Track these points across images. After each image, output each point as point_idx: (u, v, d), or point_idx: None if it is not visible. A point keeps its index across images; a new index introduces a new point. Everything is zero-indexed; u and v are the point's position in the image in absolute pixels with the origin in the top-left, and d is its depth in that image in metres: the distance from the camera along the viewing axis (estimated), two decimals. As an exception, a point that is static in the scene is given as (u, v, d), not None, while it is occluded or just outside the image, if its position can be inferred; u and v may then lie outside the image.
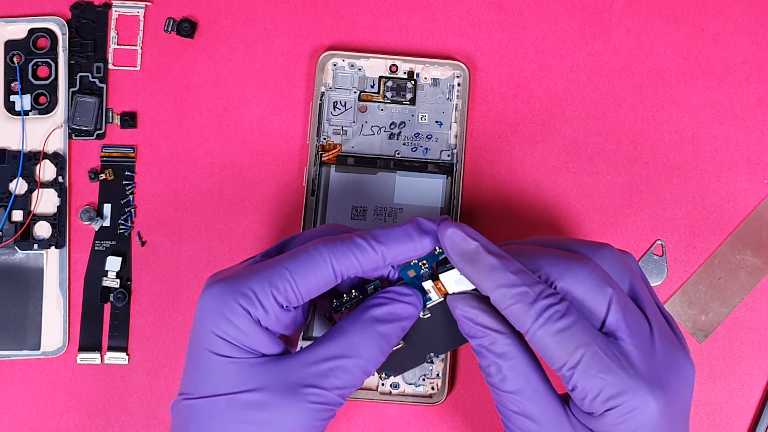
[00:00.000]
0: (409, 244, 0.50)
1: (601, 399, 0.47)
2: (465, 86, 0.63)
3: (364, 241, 0.49)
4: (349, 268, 0.49)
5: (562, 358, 0.47)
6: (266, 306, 0.48)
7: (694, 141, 0.64)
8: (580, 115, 0.64)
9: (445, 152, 0.62)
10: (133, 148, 0.63)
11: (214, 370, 0.49)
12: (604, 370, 0.46)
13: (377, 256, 0.49)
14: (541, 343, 0.47)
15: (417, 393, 0.61)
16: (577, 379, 0.47)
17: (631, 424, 0.46)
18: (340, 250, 0.49)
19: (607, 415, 0.47)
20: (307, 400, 0.48)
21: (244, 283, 0.49)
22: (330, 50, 0.63)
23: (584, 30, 0.64)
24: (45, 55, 0.63)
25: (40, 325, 0.62)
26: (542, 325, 0.47)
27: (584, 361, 0.47)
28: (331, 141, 0.62)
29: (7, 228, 0.62)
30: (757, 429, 0.62)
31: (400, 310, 0.50)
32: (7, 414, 0.62)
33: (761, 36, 0.64)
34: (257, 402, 0.48)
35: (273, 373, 0.48)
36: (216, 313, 0.49)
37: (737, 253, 0.63)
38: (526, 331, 0.47)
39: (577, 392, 0.47)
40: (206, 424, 0.48)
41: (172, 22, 0.64)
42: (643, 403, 0.46)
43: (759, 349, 0.63)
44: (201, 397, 0.49)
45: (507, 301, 0.47)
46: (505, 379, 0.49)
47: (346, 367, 0.49)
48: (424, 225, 0.50)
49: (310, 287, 0.49)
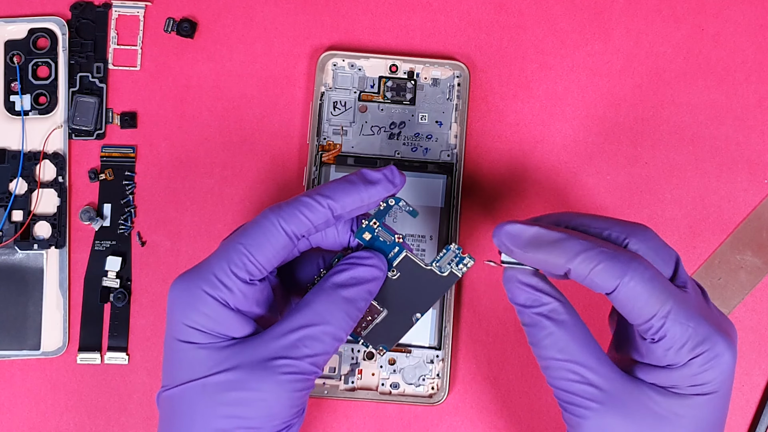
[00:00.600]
0: (355, 194, 0.50)
1: (689, 347, 0.47)
2: (465, 86, 0.63)
3: (309, 198, 0.50)
4: (300, 226, 0.50)
5: (654, 308, 0.47)
6: (228, 284, 0.49)
7: (694, 141, 0.64)
8: (580, 115, 0.64)
9: (445, 152, 0.62)
10: (133, 148, 0.63)
11: (186, 358, 0.49)
12: (691, 317, 0.47)
13: (325, 210, 0.50)
14: (635, 293, 0.47)
15: (417, 393, 0.61)
16: (668, 327, 0.47)
17: (714, 371, 0.47)
18: (286, 211, 0.50)
19: (691, 364, 0.47)
20: (279, 372, 0.48)
21: (204, 270, 0.50)
22: (330, 50, 0.63)
23: (584, 30, 0.64)
24: (45, 55, 0.63)
25: (40, 325, 0.62)
26: (632, 278, 0.47)
27: (674, 309, 0.47)
28: (331, 141, 0.62)
29: (7, 228, 0.62)
30: (757, 429, 0.62)
31: (362, 273, 0.51)
32: (7, 414, 0.62)
33: (761, 36, 0.64)
34: (230, 381, 0.48)
35: (243, 352, 0.49)
36: (184, 304, 0.49)
37: (737, 253, 0.63)
38: (616, 287, 0.47)
39: (665, 342, 0.47)
40: (185, 410, 0.49)
41: (172, 22, 0.64)
42: (724, 350, 0.47)
43: (759, 349, 0.63)
44: (177, 386, 0.50)
45: (592, 264, 0.47)
46: (566, 348, 0.48)
47: (315, 335, 0.49)
48: (368, 175, 0.51)
49: (268, 255, 0.50)
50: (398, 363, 0.61)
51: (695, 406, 0.48)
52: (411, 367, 0.61)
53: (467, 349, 0.62)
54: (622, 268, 0.47)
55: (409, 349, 0.61)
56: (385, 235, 0.53)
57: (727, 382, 0.48)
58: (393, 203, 0.52)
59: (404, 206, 0.52)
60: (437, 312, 0.61)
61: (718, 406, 0.48)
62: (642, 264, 0.47)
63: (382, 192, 0.51)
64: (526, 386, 0.62)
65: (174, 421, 0.50)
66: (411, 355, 0.61)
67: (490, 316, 0.63)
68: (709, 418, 0.48)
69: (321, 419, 0.62)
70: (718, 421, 0.49)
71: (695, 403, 0.48)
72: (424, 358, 0.61)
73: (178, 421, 0.50)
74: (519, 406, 0.62)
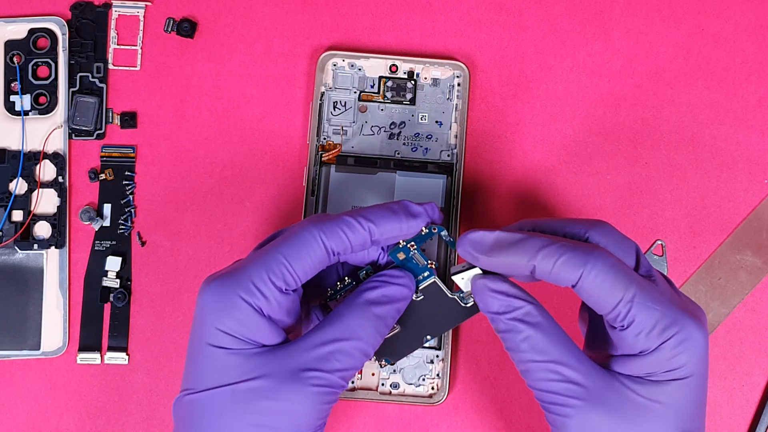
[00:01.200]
0: (396, 224, 0.51)
1: (658, 330, 0.47)
2: (465, 86, 0.63)
3: (352, 219, 0.51)
4: (339, 244, 0.50)
5: (618, 293, 0.48)
6: (266, 293, 0.49)
7: (694, 141, 0.64)
8: (580, 115, 0.64)
9: (445, 152, 0.62)
10: (133, 148, 0.63)
11: (216, 363, 0.49)
12: (657, 301, 0.48)
13: (365, 233, 0.50)
14: (597, 282, 0.48)
15: (417, 393, 0.61)
16: (635, 312, 0.48)
17: (687, 353, 0.48)
18: (328, 228, 0.50)
19: (663, 348, 0.48)
20: (309, 383, 0.48)
21: (242, 276, 0.50)
22: (330, 50, 0.63)
23: (584, 30, 0.64)
24: (45, 55, 0.63)
25: (40, 325, 0.62)
26: (594, 266, 0.48)
27: (639, 293, 0.48)
28: (331, 141, 0.62)
29: (7, 228, 0.62)
30: (757, 429, 0.62)
31: (393, 292, 0.51)
32: (7, 414, 0.62)
33: (761, 36, 0.64)
34: (260, 389, 0.48)
35: (275, 361, 0.49)
36: (218, 308, 0.49)
37: (737, 253, 0.63)
38: (578, 278, 0.48)
39: (633, 327, 0.48)
40: (211, 416, 0.49)
41: (172, 22, 0.64)
42: (694, 331, 0.48)
43: (759, 349, 0.63)
44: (204, 390, 0.49)
45: (554, 257, 0.48)
46: (544, 349, 0.49)
47: (346, 350, 0.49)
48: (411, 208, 0.52)
49: (305, 266, 0.50)
50: (398, 363, 0.61)
51: (674, 392, 0.48)
52: (411, 367, 0.61)
53: (467, 349, 0.62)
54: (583, 258, 0.48)
55: None
56: (420, 259, 0.53)
57: (702, 365, 0.48)
58: (435, 230, 0.53)
59: (445, 236, 0.53)
60: None
61: (696, 389, 0.49)
62: (603, 253, 0.48)
63: (421, 225, 0.52)
64: (525, 385, 0.62)
65: (196, 426, 0.49)
66: (411, 356, 0.61)
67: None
68: (689, 402, 0.48)
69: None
70: (699, 403, 0.49)
71: (673, 388, 0.48)
72: (424, 358, 0.61)
73: (202, 427, 0.49)
74: (519, 405, 0.62)
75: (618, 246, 0.50)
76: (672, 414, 0.48)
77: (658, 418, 0.48)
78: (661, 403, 0.48)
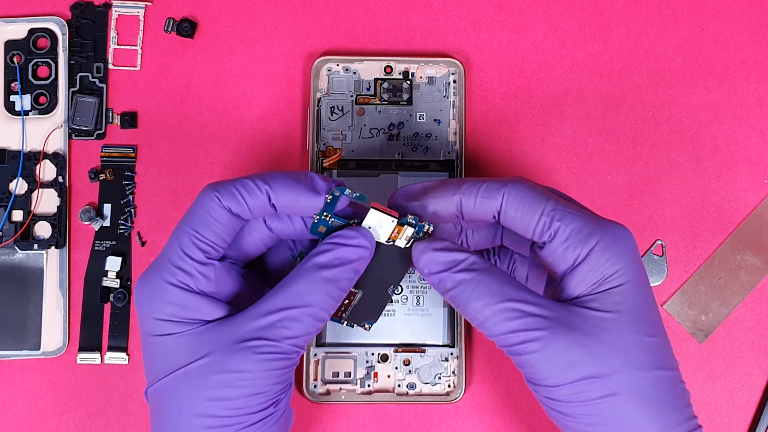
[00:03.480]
0: (293, 194, 0.50)
1: (583, 235, 0.49)
2: (461, 83, 0.63)
3: (251, 181, 0.50)
4: (236, 206, 0.50)
5: (539, 206, 0.49)
6: (186, 268, 0.49)
7: (694, 141, 0.64)
8: (580, 115, 0.64)
9: (445, 150, 0.62)
10: (133, 148, 0.63)
11: (165, 350, 0.50)
12: (579, 211, 0.50)
13: (262, 196, 0.50)
14: (518, 200, 0.50)
15: (434, 392, 0.61)
16: (559, 219, 0.49)
17: (620, 256, 0.49)
18: (224, 187, 0.50)
19: (594, 252, 0.48)
20: (254, 351, 0.48)
21: (160, 260, 0.50)
22: (330, 51, 0.63)
23: (584, 30, 0.64)
24: (45, 55, 0.63)
25: (40, 325, 0.62)
26: (514, 185, 0.50)
27: (560, 204, 0.50)
28: (331, 146, 0.62)
29: (7, 228, 0.62)
30: (757, 429, 0.62)
31: (345, 253, 0.50)
32: (7, 414, 0.62)
33: (761, 36, 0.64)
34: (209, 365, 0.48)
35: (221, 335, 0.49)
36: (149, 298, 0.50)
37: (737, 253, 0.63)
38: (501, 203, 0.50)
39: (560, 235, 0.49)
40: (171, 401, 0.49)
41: (172, 22, 0.64)
42: (621, 233, 0.49)
43: (759, 349, 0.63)
44: (160, 379, 0.50)
45: (475, 187, 0.50)
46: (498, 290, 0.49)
47: (294, 317, 0.49)
48: (316, 182, 0.51)
49: (215, 230, 0.50)
50: (413, 363, 0.61)
51: (621, 299, 0.48)
52: (426, 366, 0.61)
53: (481, 344, 0.62)
54: (502, 183, 0.50)
55: (423, 348, 0.61)
56: (340, 224, 0.52)
57: (637, 267, 0.49)
58: (338, 194, 0.51)
59: (350, 194, 0.51)
60: (448, 309, 0.61)
61: (640, 293, 0.49)
62: (518, 179, 0.51)
63: (321, 205, 0.51)
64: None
65: (162, 413, 0.50)
66: (425, 355, 0.61)
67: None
68: (640, 307, 0.49)
69: (339, 425, 0.62)
70: (651, 308, 0.49)
71: (618, 295, 0.49)
72: (438, 356, 0.61)
73: (166, 412, 0.50)
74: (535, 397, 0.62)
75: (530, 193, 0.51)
76: (628, 319, 0.48)
77: (618, 327, 0.48)
78: (613, 311, 0.48)
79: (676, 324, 0.63)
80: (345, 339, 0.61)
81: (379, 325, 0.61)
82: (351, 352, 0.61)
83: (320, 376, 0.61)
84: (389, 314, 0.61)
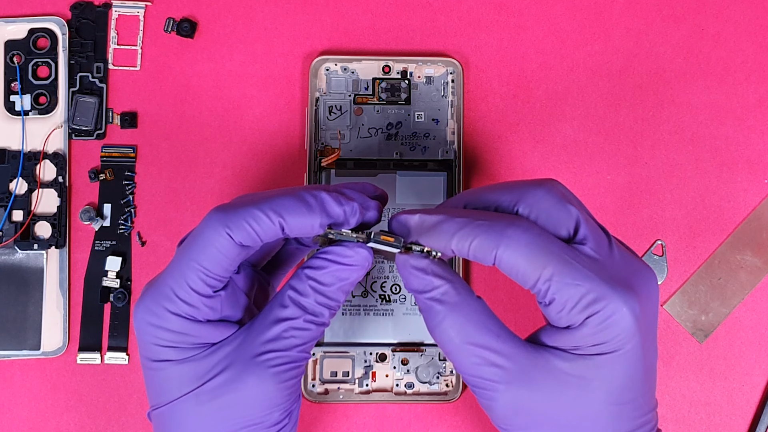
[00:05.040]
0: (308, 220, 0.47)
1: (581, 306, 0.46)
2: (459, 82, 0.63)
3: (260, 211, 0.47)
4: (247, 238, 0.47)
5: (535, 273, 0.46)
6: (191, 302, 0.48)
7: (694, 141, 0.64)
8: (580, 115, 0.64)
9: (444, 149, 0.62)
10: (133, 148, 0.63)
11: (170, 375, 0.48)
12: (580, 277, 0.46)
13: (274, 227, 0.47)
14: (511, 262, 0.46)
15: (432, 391, 0.61)
16: (554, 291, 0.46)
17: (613, 328, 0.46)
18: (233, 221, 0.47)
19: (588, 323, 0.46)
20: (268, 365, 0.48)
21: (162, 287, 0.48)
22: (328, 51, 0.63)
23: (584, 30, 0.64)
24: (45, 55, 0.63)
25: (40, 325, 0.62)
26: (507, 246, 0.46)
27: (558, 270, 0.46)
28: (329, 146, 0.62)
29: (7, 228, 0.62)
30: (757, 429, 0.62)
31: (338, 272, 0.49)
32: (7, 414, 0.62)
33: (761, 36, 0.64)
34: (222, 385, 0.48)
35: (229, 354, 0.48)
36: (149, 325, 0.48)
37: (737, 253, 0.63)
38: (494, 258, 0.46)
39: (555, 305, 0.46)
40: (182, 424, 0.49)
41: (172, 22, 0.64)
42: (621, 306, 0.45)
43: (759, 349, 0.63)
44: (168, 403, 0.49)
45: (468, 240, 0.46)
46: (461, 331, 0.47)
47: (300, 325, 0.48)
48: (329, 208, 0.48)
49: (222, 264, 0.47)
50: (411, 362, 0.61)
51: (600, 366, 0.46)
52: (424, 365, 0.61)
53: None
54: (495, 239, 0.46)
55: (422, 348, 0.61)
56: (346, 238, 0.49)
57: (630, 340, 0.46)
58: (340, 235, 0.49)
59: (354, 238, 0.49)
60: None
61: (625, 364, 0.46)
62: (518, 229, 0.46)
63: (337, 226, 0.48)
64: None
65: None
66: (424, 354, 0.61)
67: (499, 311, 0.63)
68: (617, 377, 0.47)
69: (338, 424, 0.62)
70: (632, 375, 0.47)
71: (599, 362, 0.46)
72: (436, 355, 0.61)
73: None
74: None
75: (551, 214, 0.47)
76: (601, 387, 0.47)
77: (585, 391, 0.47)
78: (587, 377, 0.46)
79: (676, 324, 0.63)
80: (343, 338, 0.61)
81: (377, 325, 0.61)
82: (349, 352, 0.61)
83: (318, 376, 0.61)
84: (388, 314, 0.61)
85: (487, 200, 0.49)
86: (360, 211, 0.49)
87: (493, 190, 0.49)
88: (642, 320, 0.46)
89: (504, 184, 0.49)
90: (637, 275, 0.48)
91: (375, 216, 0.50)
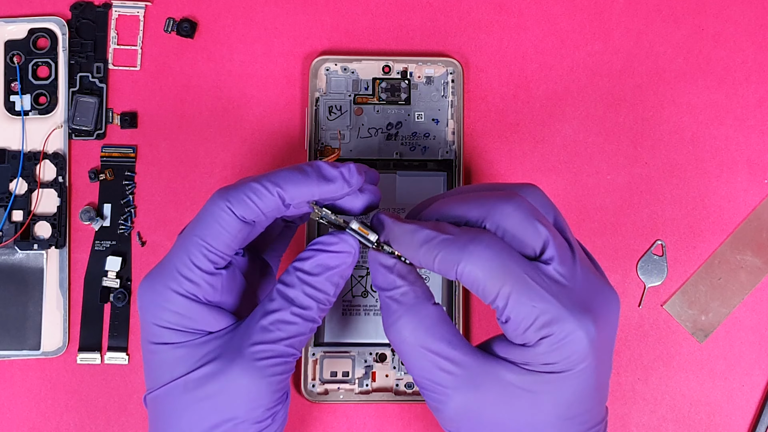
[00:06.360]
0: (306, 188, 0.49)
1: (536, 327, 0.46)
2: (459, 82, 0.63)
3: (258, 184, 0.48)
4: (248, 212, 0.48)
5: (494, 290, 0.46)
6: (193, 279, 0.49)
7: (694, 141, 0.64)
8: (580, 115, 0.64)
9: (444, 149, 0.62)
10: (133, 148, 0.63)
11: (166, 359, 0.49)
12: (537, 298, 0.46)
13: (274, 198, 0.48)
14: (472, 277, 0.46)
15: None
16: (511, 309, 0.46)
17: (565, 350, 0.46)
18: (234, 196, 0.48)
19: (541, 344, 0.46)
20: (255, 357, 0.48)
21: (166, 267, 0.49)
22: (328, 51, 0.63)
23: (584, 30, 0.64)
24: (45, 55, 0.63)
25: (40, 325, 0.62)
26: (468, 262, 0.46)
27: (516, 290, 0.46)
28: (329, 146, 0.62)
29: (7, 228, 0.62)
30: (757, 429, 0.62)
31: (326, 260, 0.49)
32: (7, 414, 0.62)
33: (761, 36, 0.64)
34: (209, 375, 0.48)
35: (220, 345, 0.49)
36: (152, 305, 0.49)
37: (737, 253, 0.63)
38: (455, 272, 0.47)
39: (511, 323, 0.46)
40: (170, 409, 0.49)
41: (172, 22, 0.64)
42: (575, 329, 0.46)
43: (759, 349, 0.63)
44: (160, 387, 0.50)
45: (433, 254, 0.47)
46: (414, 333, 0.48)
47: (286, 318, 0.49)
48: (324, 170, 0.49)
49: (225, 240, 0.49)
50: None
51: (548, 382, 0.47)
52: None
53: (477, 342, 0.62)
54: (458, 254, 0.46)
55: None
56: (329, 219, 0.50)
57: (583, 361, 0.46)
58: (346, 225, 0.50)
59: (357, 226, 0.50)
60: (446, 308, 0.61)
61: (575, 383, 0.47)
62: (480, 245, 0.46)
63: (337, 190, 0.49)
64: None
65: (160, 421, 0.50)
66: None
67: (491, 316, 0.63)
68: (565, 394, 0.47)
69: (338, 424, 0.62)
70: (579, 395, 0.47)
71: (548, 379, 0.47)
72: None
73: (164, 421, 0.50)
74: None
75: (518, 231, 0.47)
76: (548, 401, 0.47)
77: (533, 404, 0.47)
78: (534, 392, 0.47)
79: (676, 324, 0.63)
80: (343, 338, 0.61)
81: (377, 325, 0.61)
82: (349, 352, 0.61)
83: (318, 376, 0.61)
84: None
85: (456, 214, 0.49)
86: (357, 170, 0.50)
87: (465, 201, 0.49)
88: (597, 342, 0.47)
89: (476, 195, 0.49)
90: (598, 297, 0.48)
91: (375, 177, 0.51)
